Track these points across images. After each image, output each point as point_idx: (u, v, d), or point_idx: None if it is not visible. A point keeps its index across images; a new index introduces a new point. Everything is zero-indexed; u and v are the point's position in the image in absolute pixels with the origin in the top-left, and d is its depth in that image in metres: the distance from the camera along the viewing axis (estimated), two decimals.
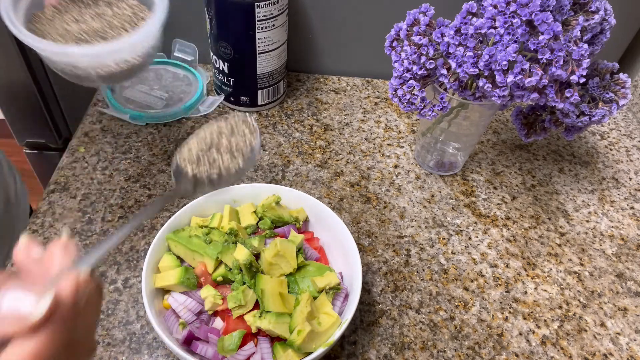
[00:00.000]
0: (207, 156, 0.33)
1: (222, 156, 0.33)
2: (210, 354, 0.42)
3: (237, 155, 0.34)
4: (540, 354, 0.49)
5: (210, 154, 0.33)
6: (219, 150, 0.34)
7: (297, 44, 0.76)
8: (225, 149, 0.34)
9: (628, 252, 0.59)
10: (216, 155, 0.33)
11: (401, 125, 0.72)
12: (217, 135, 0.34)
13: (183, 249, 0.47)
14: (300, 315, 0.42)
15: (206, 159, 0.33)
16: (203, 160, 0.33)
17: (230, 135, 0.34)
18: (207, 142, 0.34)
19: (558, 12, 0.46)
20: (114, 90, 0.70)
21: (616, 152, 0.72)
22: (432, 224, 0.59)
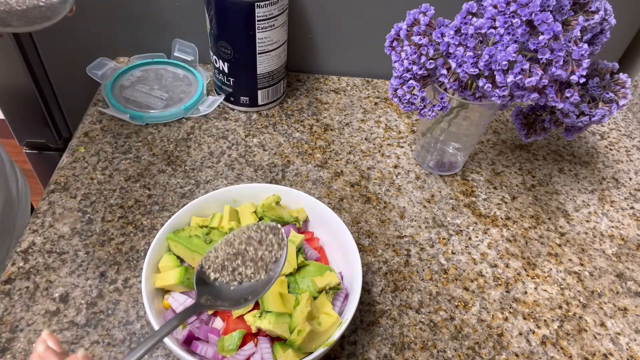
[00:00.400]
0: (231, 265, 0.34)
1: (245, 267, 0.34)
2: (210, 354, 0.42)
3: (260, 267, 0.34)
4: (540, 354, 0.49)
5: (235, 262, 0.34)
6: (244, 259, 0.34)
7: (297, 44, 0.76)
8: (250, 259, 0.34)
9: (628, 252, 0.59)
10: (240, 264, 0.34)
11: (401, 125, 0.72)
12: (246, 243, 0.35)
13: (183, 249, 0.47)
14: (300, 315, 0.42)
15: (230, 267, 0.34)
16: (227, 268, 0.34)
17: (258, 245, 0.35)
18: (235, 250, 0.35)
19: (558, 12, 0.46)
20: (112, 89, 0.70)
21: (616, 152, 0.72)
22: (432, 224, 0.59)
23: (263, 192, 0.52)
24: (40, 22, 0.44)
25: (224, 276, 0.34)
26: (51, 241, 0.54)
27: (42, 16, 0.43)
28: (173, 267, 0.46)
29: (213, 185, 0.61)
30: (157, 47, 0.76)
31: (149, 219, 0.57)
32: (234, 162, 0.64)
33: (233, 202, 0.52)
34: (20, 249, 0.53)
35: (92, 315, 0.48)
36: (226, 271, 0.34)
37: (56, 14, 0.44)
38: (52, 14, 0.44)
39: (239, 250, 0.35)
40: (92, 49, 0.77)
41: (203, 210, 0.50)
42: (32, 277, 0.50)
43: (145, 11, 0.73)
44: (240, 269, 0.34)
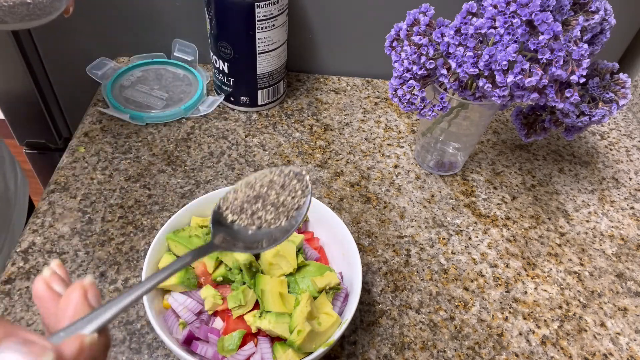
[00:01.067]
0: (251, 208, 0.32)
1: (266, 211, 0.32)
2: (210, 354, 0.42)
3: (281, 213, 0.32)
4: (540, 354, 0.49)
5: (255, 205, 0.32)
6: (264, 203, 0.32)
7: (297, 44, 0.76)
8: (272, 204, 0.32)
9: (628, 252, 0.59)
10: (261, 208, 0.32)
11: (401, 125, 0.72)
12: (267, 187, 0.32)
13: (183, 249, 0.47)
14: (300, 315, 0.42)
15: (249, 210, 0.32)
16: (246, 210, 0.32)
17: (280, 189, 0.33)
18: (256, 192, 0.32)
19: (558, 12, 0.46)
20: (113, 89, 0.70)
21: (616, 152, 0.72)
22: (432, 224, 0.59)
23: None
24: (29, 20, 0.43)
25: (242, 219, 0.32)
26: (51, 241, 0.54)
27: (31, 14, 0.43)
28: None
29: (213, 185, 0.61)
30: (157, 47, 0.76)
31: (149, 219, 0.57)
32: (234, 162, 0.64)
33: None
34: (20, 249, 0.53)
35: None
36: (245, 214, 0.32)
37: (46, 12, 0.44)
38: (42, 12, 0.43)
39: (259, 193, 0.32)
40: (92, 49, 0.77)
41: (203, 210, 0.50)
42: (32, 277, 0.50)
43: (145, 11, 0.73)
44: (260, 212, 0.32)
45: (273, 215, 0.32)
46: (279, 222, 0.32)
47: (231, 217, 0.31)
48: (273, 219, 0.32)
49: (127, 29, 0.76)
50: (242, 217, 0.31)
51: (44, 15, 0.44)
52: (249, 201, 0.32)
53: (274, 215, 0.32)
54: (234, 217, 0.31)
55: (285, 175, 0.33)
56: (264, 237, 0.31)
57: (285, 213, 0.32)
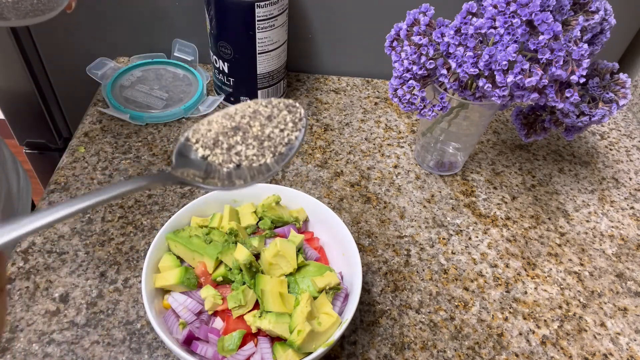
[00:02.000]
0: (228, 141, 0.26)
1: (246, 145, 0.26)
2: (210, 354, 0.42)
3: (266, 148, 0.26)
4: (540, 354, 0.49)
5: (233, 138, 0.26)
6: (245, 136, 0.26)
7: (297, 44, 0.76)
8: (254, 137, 0.26)
9: (628, 252, 0.59)
10: (240, 141, 0.26)
11: (401, 125, 0.72)
12: (250, 117, 0.27)
13: (183, 249, 0.47)
14: (300, 315, 0.42)
15: (225, 144, 0.26)
16: (221, 144, 0.25)
17: (266, 121, 0.27)
18: (235, 123, 0.26)
19: (558, 12, 0.46)
20: (112, 89, 0.70)
21: (616, 152, 0.72)
22: (432, 224, 0.59)
23: (263, 192, 0.52)
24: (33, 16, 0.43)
25: (216, 154, 0.26)
26: (51, 241, 0.54)
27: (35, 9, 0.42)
28: (173, 267, 0.46)
29: None
30: (157, 47, 0.76)
31: (149, 219, 0.57)
32: None
33: (233, 202, 0.52)
34: (20, 249, 0.53)
35: (92, 315, 0.48)
36: (219, 148, 0.26)
37: (49, 7, 0.43)
38: (45, 7, 0.43)
39: (239, 125, 0.26)
40: (92, 49, 0.77)
41: (203, 210, 0.50)
42: (32, 277, 0.50)
43: (145, 11, 0.73)
44: (238, 147, 0.26)
45: (255, 151, 0.26)
46: (262, 159, 0.26)
47: (202, 151, 0.25)
48: (255, 155, 0.26)
49: (127, 29, 0.76)
50: (215, 152, 0.25)
51: (47, 10, 0.44)
52: (226, 133, 0.26)
53: (257, 150, 0.26)
54: (205, 151, 0.25)
55: (274, 106, 0.27)
56: (244, 176, 0.25)
57: (272, 149, 0.26)
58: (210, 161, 0.25)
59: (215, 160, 0.25)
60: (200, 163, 0.25)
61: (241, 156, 0.25)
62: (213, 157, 0.25)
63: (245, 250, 0.45)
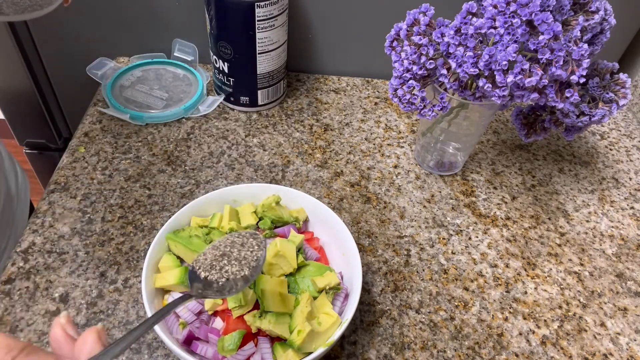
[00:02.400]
0: (219, 264, 0.39)
1: (231, 265, 0.39)
2: (210, 354, 0.42)
3: (244, 265, 0.39)
4: (540, 354, 0.49)
5: (222, 262, 0.39)
6: (229, 259, 0.39)
7: (297, 44, 0.76)
8: (235, 259, 0.39)
9: (628, 252, 0.59)
10: (227, 263, 0.39)
11: (401, 125, 0.72)
12: (230, 246, 0.40)
13: (183, 249, 0.47)
14: (300, 315, 0.42)
15: (218, 266, 0.39)
16: (215, 267, 0.39)
17: (240, 247, 0.40)
18: (221, 252, 0.40)
19: (558, 12, 0.46)
20: (112, 89, 0.70)
21: (616, 152, 0.72)
22: (432, 224, 0.59)
23: (263, 192, 0.52)
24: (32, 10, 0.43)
25: (213, 274, 0.38)
26: (51, 241, 0.54)
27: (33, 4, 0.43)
28: (173, 267, 0.46)
29: (213, 185, 0.61)
30: (157, 47, 0.76)
31: (149, 219, 0.57)
32: (234, 162, 0.64)
33: (233, 202, 0.52)
34: (20, 249, 0.53)
35: (92, 315, 0.48)
36: (214, 270, 0.39)
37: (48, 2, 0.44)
38: (43, 2, 0.44)
39: (224, 252, 0.40)
40: (92, 49, 0.77)
41: (203, 210, 0.50)
42: (32, 277, 0.50)
43: (145, 11, 0.73)
44: (226, 267, 0.39)
45: (237, 268, 0.39)
46: (242, 272, 0.38)
47: (204, 274, 0.38)
48: (237, 270, 0.38)
49: (127, 29, 0.76)
50: (212, 273, 0.38)
51: (45, 5, 0.44)
52: (217, 259, 0.39)
53: (238, 267, 0.39)
54: (206, 273, 0.38)
55: (243, 236, 0.41)
56: (232, 284, 0.38)
57: (247, 264, 0.39)
58: (209, 279, 0.38)
59: (212, 278, 0.38)
60: (203, 281, 0.38)
61: (229, 272, 0.38)
62: (211, 276, 0.38)
63: None
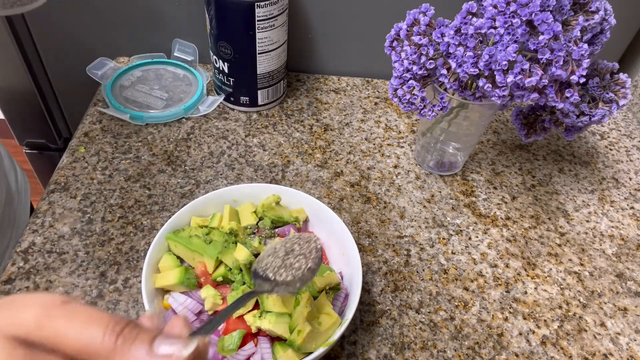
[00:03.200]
0: (286, 262, 0.40)
1: (298, 260, 0.40)
2: (210, 354, 0.42)
3: (308, 258, 0.40)
4: (540, 354, 0.49)
5: (288, 260, 0.40)
6: (295, 255, 0.40)
7: (297, 44, 0.76)
8: (299, 254, 0.40)
9: (628, 252, 0.59)
10: (293, 260, 0.40)
11: (401, 125, 0.72)
12: (289, 246, 0.41)
13: (183, 249, 0.47)
14: (300, 315, 0.42)
15: (284, 265, 0.40)
16: (283, 266, 0.40)
17: (298, 244, 0.41)
18: (283, 252, 0.41)
19: (558, 12, 0.46)
20: (112, 88, 0.70)
21: (616, 152, 0.72)
22: (432, 224, 0.59)
23: (263, 192, 0.52)
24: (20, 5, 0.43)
25: (281, 274, 0.39)
26: (51, 241, 0.54)
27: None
28: (173, 267, 0.46)
29: (213, 185, 0.61)
30: (157, 47, 0.76)
31: (149, 219, 0.57)
32: (234, 162, 0.64)
33: (233, 202, 0.52)
34: (20, 249, 0.53)
35: None
36: (283, 268, 0.40)
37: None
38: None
39: (287, 251, 0.41)
40: (92, 49, 0.77)
41: (203, 210, 0.50)
42: (32, 277, 0.50)
43: (145, 11, 0.73)
44: (295, 264, 0.40)
45: (303, 261, 0.40)
46: (308, 264, 0.40)
47: (272, 275, 0.39)
48: (304, 265, 0.40)
49: (127, 29, 0.76)
50: (280, 272, 0.39)
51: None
52: (283, 259, 0.40)
53: (304, 260, 0.40)
54: (275, 275, 0.39)
55: (295, 237, 0.42)
56: (302, 277, 0.39)
57: (310, 257, 0.41)
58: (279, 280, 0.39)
59: (280, 279, 0.39)
60: (274, 282, 0.39)
61: (296, 268, 0.40)
62: (278, 277, 0.39)
63: (245, 250, 0.45)
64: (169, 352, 0.24)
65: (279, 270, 0.39)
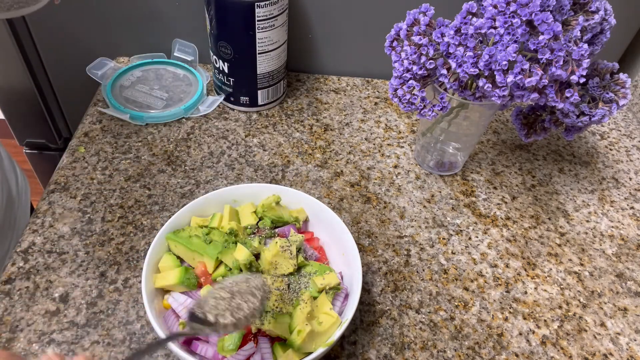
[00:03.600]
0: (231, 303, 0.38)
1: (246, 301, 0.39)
2: (210, 354, 0.42)
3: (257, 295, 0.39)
4: (540, 354, 0.49)
5: (234, 302, 0.38)
6: (242, 295, 0.39)
7: (297, 44, 0.76)
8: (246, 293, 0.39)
9: (628, 252, 0.59)
10: (240, 300, 0.38)
11: (401, 125, 0.72)
12: (235, 286, 0.39)
13: (183, 249, 0.47)
14: (300, 315, 0.42)
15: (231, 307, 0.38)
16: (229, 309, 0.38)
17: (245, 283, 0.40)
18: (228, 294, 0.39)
19: (558, 12, 0.46)
20: (113, 89, 0.70)
21: (616, 152, 0.72)
22: (432, 224, 0.59)
23: (263, 192, 0.52)
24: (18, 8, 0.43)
25: (226, 317, 0.37)
26: (51, 241, 0.54)
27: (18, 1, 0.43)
28: (173, 267, 0.46)
29: (213, 185, 0.61)
30: (157, 47, 0.76)
31: (149, 219, 0.57)
32: (234, 162, 0.64)
33: (233, 202, 0.52)
34: (20, 249, 0.53)
35: (92, 315, 0.48)
36: (228, 311, 0.38)
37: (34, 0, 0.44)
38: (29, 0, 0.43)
39: (232, 293, 0.39)
40: (92, 49, 0.77)
41: (203, 210, 0.50)
42: (32, 277, 0.50)
43: (145, 11, 0.73)
44: (242, 304, 0.38)
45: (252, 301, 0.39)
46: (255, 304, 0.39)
47: (213, 318, 0.37)
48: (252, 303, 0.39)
49: (127, 29, 0.76)
50: (225, 315, 0.37)
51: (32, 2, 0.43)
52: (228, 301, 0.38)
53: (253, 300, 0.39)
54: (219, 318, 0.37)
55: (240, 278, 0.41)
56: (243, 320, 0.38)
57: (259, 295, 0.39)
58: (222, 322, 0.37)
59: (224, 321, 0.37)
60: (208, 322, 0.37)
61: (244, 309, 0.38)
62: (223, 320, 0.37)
63: (245, 250, 0.45)
64: None
65: (224, 313, 0.38)
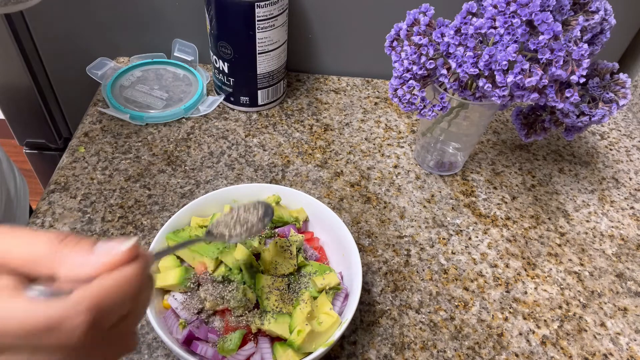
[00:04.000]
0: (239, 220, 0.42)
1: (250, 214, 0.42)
2: (210, 354, 0.42)
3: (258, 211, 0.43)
4: (540, 354, 0.49)
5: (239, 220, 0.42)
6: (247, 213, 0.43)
7: (297, 44, 0.76)
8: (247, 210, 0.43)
9: (628, 252, 0.59)
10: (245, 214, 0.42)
11: (401, 125, 0.72)
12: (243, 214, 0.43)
13: (183, 249, 0.47)
14: (300, 315, 0.42)
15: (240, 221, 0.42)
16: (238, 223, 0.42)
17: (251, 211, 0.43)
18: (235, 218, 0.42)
19: (558, 12, 0.46)
20: (112, 88, 0.70)
21: (616, 152, 0.72)
22: (432, 224, 0.59)
23: (263, 192, 0.52)
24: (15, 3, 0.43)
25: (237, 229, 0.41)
26: None
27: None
28: (173, 267, 0.46)
29: (213, 185, 0.61)
30: (157, 47, 0.76)
31: (149, 219, 0.57)
32: (234, 162, 0.64)
33: (233, 202, 0.52)
34: None
35: None
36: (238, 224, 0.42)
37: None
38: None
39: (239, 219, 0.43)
40: (92, 49, 0.77)
41: (203, 210, 0.50)
42: None
43: (145, 11, 0.73)
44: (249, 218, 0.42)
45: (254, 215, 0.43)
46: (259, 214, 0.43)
47: (227, 232, 0.41)
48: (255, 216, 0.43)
49: (127, 29, 0.76)
50: (237, 230, 0.41)
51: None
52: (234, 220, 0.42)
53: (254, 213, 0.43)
54: (230, 232, 0.41)
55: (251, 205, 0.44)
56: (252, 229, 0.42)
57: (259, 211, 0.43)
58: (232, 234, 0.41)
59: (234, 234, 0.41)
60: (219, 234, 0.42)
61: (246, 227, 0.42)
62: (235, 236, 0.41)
63: (245, 250, 0.45)
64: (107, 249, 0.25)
65: (234, 226, 0.42)
